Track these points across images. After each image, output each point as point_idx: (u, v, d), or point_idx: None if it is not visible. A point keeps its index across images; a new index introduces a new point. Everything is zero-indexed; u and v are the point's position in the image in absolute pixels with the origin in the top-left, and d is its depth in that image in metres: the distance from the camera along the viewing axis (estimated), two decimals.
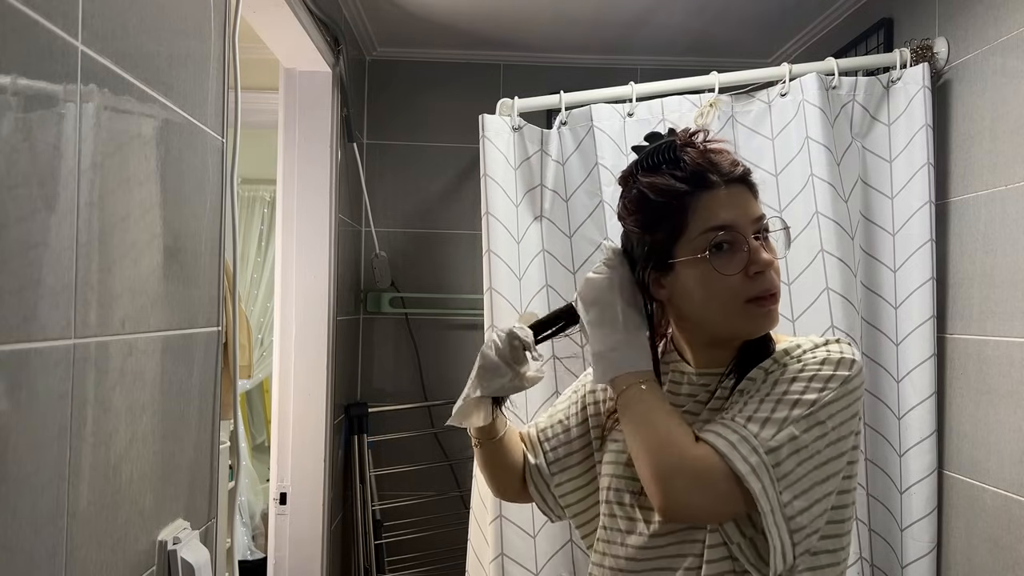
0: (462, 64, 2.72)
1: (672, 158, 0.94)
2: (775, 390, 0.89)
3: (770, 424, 0.86)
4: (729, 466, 0.84)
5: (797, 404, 0.87)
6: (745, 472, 0.83)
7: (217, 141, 1.19)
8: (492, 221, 1.83)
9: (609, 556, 1.01)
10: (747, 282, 0.91)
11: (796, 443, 0.85)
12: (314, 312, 2.15)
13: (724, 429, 0.88)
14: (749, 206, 0.94)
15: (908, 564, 1.72)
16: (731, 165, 0.94)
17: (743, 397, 0.92)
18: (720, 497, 0.85)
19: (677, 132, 0.98)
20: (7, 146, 0.66)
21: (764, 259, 0.91)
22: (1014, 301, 1.54)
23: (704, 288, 0.93)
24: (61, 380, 0.76)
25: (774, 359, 0.94)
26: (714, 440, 0.86)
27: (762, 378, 0.93)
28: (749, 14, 2.32)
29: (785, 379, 0.90)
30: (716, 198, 0.92)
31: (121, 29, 0.87)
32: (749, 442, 0.85)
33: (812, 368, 0.90)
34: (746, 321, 0.93)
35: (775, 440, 0.85)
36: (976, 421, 1.64)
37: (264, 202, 3.89)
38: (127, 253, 0.90)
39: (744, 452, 0.84)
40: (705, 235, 0.92)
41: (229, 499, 1.92)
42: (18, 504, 0.69)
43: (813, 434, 0.86)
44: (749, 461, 0.84)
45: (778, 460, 0.84)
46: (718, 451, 0.85)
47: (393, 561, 2.48)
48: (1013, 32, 1.56)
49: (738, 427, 0.87)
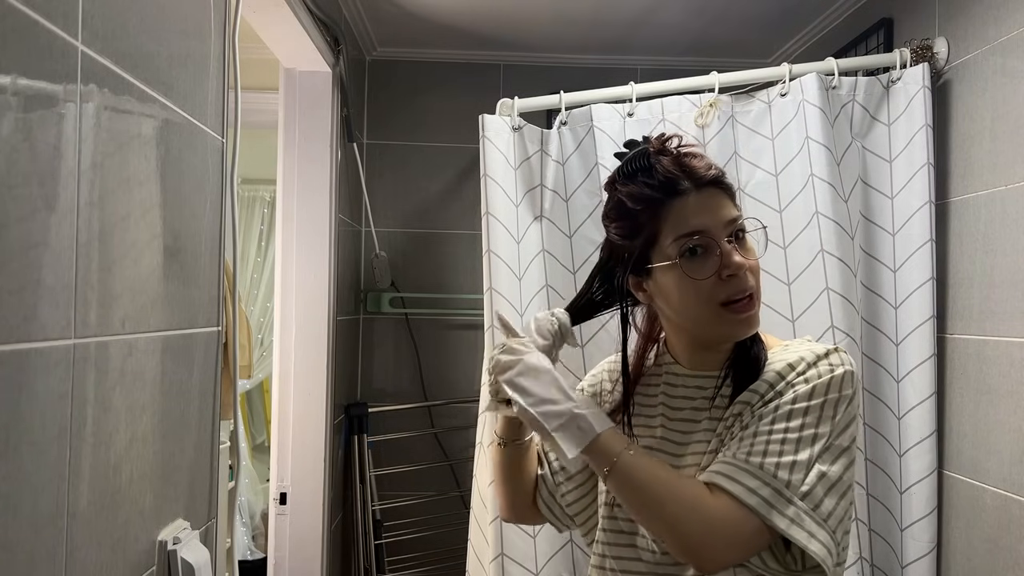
0: (462, 64, 2.72)
1: (646, 166, 0.95)
2: (791, 424, 0.88)
3: (797, 468, 0.86)
4: (765, 523, 0.85)
5: (816, 439, 0.88)
6: (785, 527, 0.84)
7: (217, 141, 1.19)
8: (492, 221, 1.83)
9: (610, 558, 1.01)
10: (720, 285, 0.91)
11: (826, 480, 0.87)
12: (314, 312, 2.15)
13: (749, 479, 0.86)
14: (721, 210, 0.94)
15: (908, 564, 1.72)
16: (704, 169, 0.94)
17: (753, 422, 0.91)
18: (752, 546, 0.87)
19: (651, 139, 0.98)
20: (7, 146, 0.66)
21: (736, 261, 0.91)
22: (1014, 301, 1.54)
23: (680, 293, 0.93)
24: (61, 380, 0.76)
25: (778, 374, 0.93)
26: (744, 497, 0.85)
27: (767, 395, 0.92)
28: (749, 14, 2.32)
29: (798, 410, 0.89)
30: (686, 205, 0.93)
31: (121, 29, 0.87)
32: (783, 495, 0.85)
33: (820, 393, 0.90)
34: (722, 325, 0.93)
35: (807, 484, 0.86)
36: (976, 421, 1.64)
37: (264, 202, 3.89)
38: (127, 253, 0.90)
39: (780, 507, 0.85)
40: (677, 242, 0.93)
41: (229, 499, 1.92)
42: (18, 504, 0.69)
43: (839, 466, 0.88)
44: (787, 514, 0.85)
45: (816, 503, 0.86)
46: (751, 509, 0.85)
47: (393, 561, 2.48)
48: (1013, 32, 1.56)
49: (767, 477, 0.86)
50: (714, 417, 0.96)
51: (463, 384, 2.64)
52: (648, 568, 0.96)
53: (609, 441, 0.90)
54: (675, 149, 0.96)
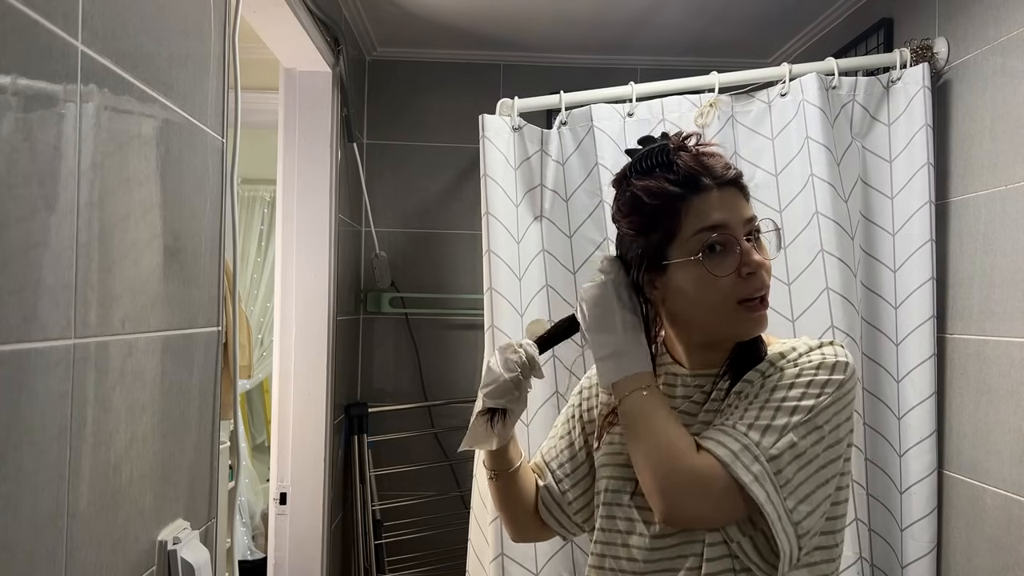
0: (462, 64, 2.72)
1: (666, 161, 0.96)
2: (773, 396, 0.90)
3: (770, 432, 0.87)
4: (731, 475, 0.85)
5: (795, 411, 0.88)
6: (748, 481, 0.85)
7: (217, 141, 1.19)
8: (492, 221, 1.83)
9: (609, 557, 1.01)
10: (739, 283, 0.92)
11: (796, 450, 0.87)
12: (314, 312, 2.15)
13: (725, 437, 0.88)
14: (741, 208, 0.95)
15: (908, 564, 1.72)
16: (723, 168, 0.95)
17: (741, 401, 0.92)
18: (721, 505, 0.87)
19: (670, 136, 0.99)
20: (7, 146, 0.66)
21: (756, 260, 0.92)
22: (1014, 301, 1.54)
23: (697, 289, 0.94)
24: (61, 380, 0.76)
25: (770, 362, 0.95)
26: (716, 449, 0.87)
27: (759, 382, 0.93)
28: (749, 14, 2.32)
29: (783, 384, 0.90)
30: (708, 200, 0.93)
31: (121, 29, 0.87)
32: (751, 451, 0.86)
33: (808, 373, 0.91)
34: (736, 323, 0.94)
35: (775, 448, 0.86)
36: (976, 421, 1.64)
37: (264, 202, 3.89)
38: (127, 253, 0.90)
39: (746, 461, 0.85)
40: (698, 236, 0.93)
41: (229, 499, 1.92)
42: (18, 504, 0.69)
43: (811, 439, 0.88)
44: (752, 470, 0.85)
45: (779, 468, 0.86)
46: (720, 460, 0.86)
47: (393, 561, 2.48)
48: (1013, 32, 1.56)
49: (739, 435, 0.87)
50: (710, 409, 0.97)
51: (463, 384, 2.64)
52: (645, 568, 0.96)
53: (639, 378, 0.96)
54: (695, 147, 0.97)
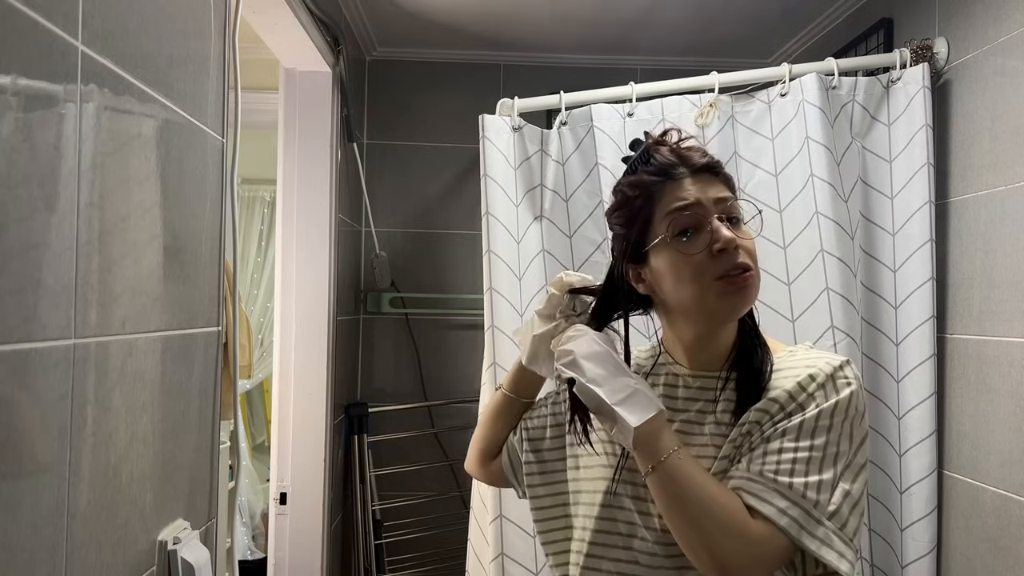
0: (462, 64, 2.72)
1: (646, 157, 1.00)
2: (816, 441, 0.89)
3: (824, 488, 0.87)
4: (794, 542, 0.86)
5: (838, 457, 0.89)
6: (815, 548, 0.85)
7: (217, 141, 1.19)
8: (492, 221, 1.83)
9: (608, 560, 1.00)
10: (713, 260, 0.92)
11: (851, 498, 0.88)
12: (314, 312, 2.15)
13: (773, 496, 0.87)
14: (712, 189, 0.96)
15: (908, 564, 1.72)
16: (699, 156, 0.98)
17: (775, 436, 0.90)
18: (778, 565, 0.88)
19: (651, 134, 1.03)
20: (7, 146, 0.66)
21: (726, 236, 0.92)
22: (1014, 301, 1.54)
23: (673, 270, 0.94)
24: (61, 380, 0.76)
25: (800, 385, 0.92)
26: (769, 512, 0.86)
27: (788, 407, 0.92)
28: (749, 14, 2.32)
29: (823, 427, 0.89)
30: (681, 185, 0.96)
31: (121, 29, 0.87)
32: (812, 515, 0.86)
33: (842, 411, 0.91)
34: (717, 299, 0.93)
35: (833, 504, 0.87)
36: (976, 421, 1.64)
37: (264, 202, 3.89)
38: (127, 253, 0.90)
39: (810, 528, 0.86)
40: (668, 216, 0.95)
41: (229, 499, 1.92)
42: (18, 504, 0.69)
43: (859, 482, 0.90)
44: (817, 535, 0.86)
45: (842, 522, 0.87)
46: (780, 528, 0.86)
47: (393, 561, 2.49)
48: (1013, 32, 1.56)
49: (788, 491, 0.87)
50: (721, 421, 0.96)
51: (463, 384, 2.64)
52: (646, 572, 0.96)
53: (664, 433, 0.91)
54: (674, 142, 1.00)
